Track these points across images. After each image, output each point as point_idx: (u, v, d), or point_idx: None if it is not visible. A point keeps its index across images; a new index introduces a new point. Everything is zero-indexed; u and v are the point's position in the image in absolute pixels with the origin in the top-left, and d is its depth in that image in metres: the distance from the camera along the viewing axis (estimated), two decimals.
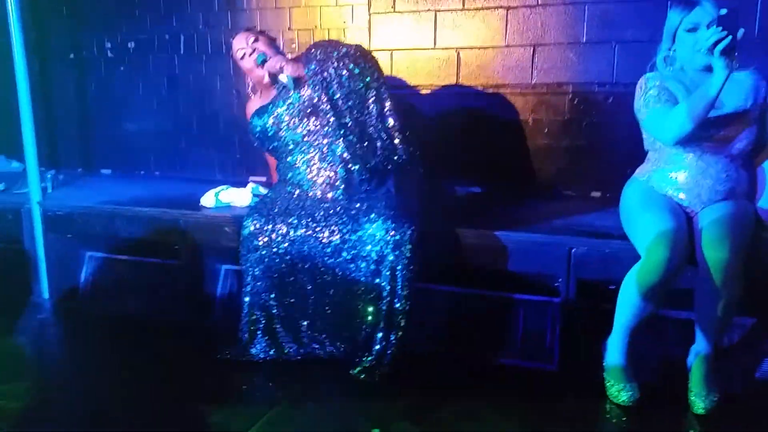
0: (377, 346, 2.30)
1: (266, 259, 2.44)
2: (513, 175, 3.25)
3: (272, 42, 2.76)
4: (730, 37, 1.90)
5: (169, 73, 3.87)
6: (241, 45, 2.68)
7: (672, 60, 2.25)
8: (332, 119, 2.51)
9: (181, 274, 2.97)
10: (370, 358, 2.31)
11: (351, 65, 2.49)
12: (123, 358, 2.57)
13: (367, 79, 2.50)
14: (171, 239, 2.93)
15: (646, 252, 2.02)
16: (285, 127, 2.59)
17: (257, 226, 2.45)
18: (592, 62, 3.03)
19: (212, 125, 3.83)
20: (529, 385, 2.31)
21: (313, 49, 2.58)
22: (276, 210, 2.49)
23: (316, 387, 2.30)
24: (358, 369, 2.31)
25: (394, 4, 3.33)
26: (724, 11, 1.92)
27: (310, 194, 2.55)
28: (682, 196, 2.21)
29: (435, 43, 3.29)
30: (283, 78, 2.55)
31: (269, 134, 2.63)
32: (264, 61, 2.61)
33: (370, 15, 3.37)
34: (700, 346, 2.14)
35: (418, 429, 2.02)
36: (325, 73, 2.48)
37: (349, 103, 2.50)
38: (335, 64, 2.48)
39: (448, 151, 3.18)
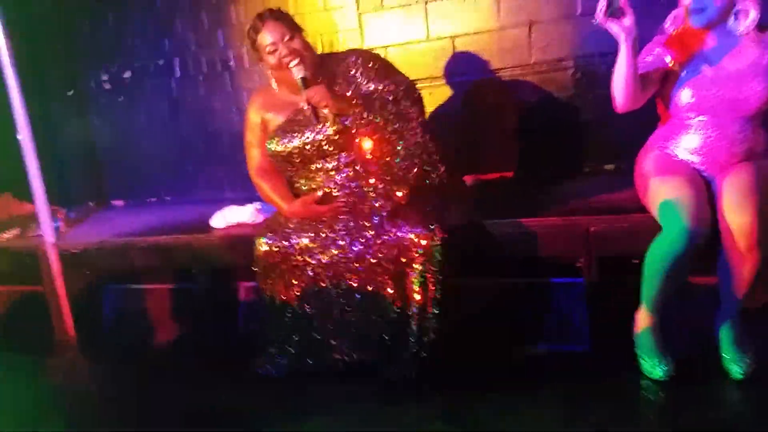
0: (409, 351, 2.27)
1: (285, 274, 2.41)
2: (523, 159, 3.19)
3: (307, 41, 2.43)
4: (603, 2, 1.97)
5: (168, 98, 3.86)
6: (274, 39, 2.36)
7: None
8: (369, 153, 2.35)
9: (201, 296, 2.98)
10: (401, 363, 2.27)
11: (395, 110, 2.36)
12: (157, 387, 2.58)
13: (410, 116, 2.38)
14: (186, 264, 2.93)
15: (666, 223, 1.96)
16: (315, 158, 2.43)
17: (272, 243, 2.42)
18: (589, 34, 2.96)
19: (216, 144, 3.81)
20: (564, 369, 2.27)
21: (352, 67, 2.45)
22: (291, 226, 2.44)
23: (348, 394, 2.28)
24: (390, 373, 2.27)
25: (382, 1, 3.28)
26: None
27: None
28: (698, 160, 2.14)
29: (428, 35, 3.24)
30: (325, 118, 2.32)
31: (294, 161, 2.46)
32: (305, 82, 2.32)
33: (359, 15, 3.33)
34: (725, 311, 2.09)
35: (456, 426, 1.99)
36: (368, 117, 2.33)
37: (390, 139, 2.36)
38: (378, 109, 2.34)
39: (453, 140, 3.13)
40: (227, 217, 2.98)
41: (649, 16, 2.26)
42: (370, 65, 2.46)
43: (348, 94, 2.40)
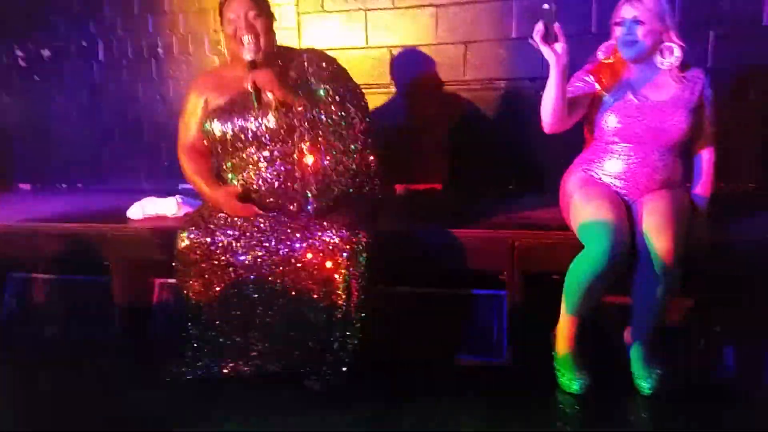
0: (332, 357, 2.23)
1: (206, 273, 2.32)
2: (452, 172, 3.25)
3: (271, 24, 2.41)
4: (541, 26, 2.04)
5: (88, 81, 3.70)
6: (238, 13, 2.33)
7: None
8: (306, 156, 2.33)
9: (113, 290, 2.82)
10: (324, 369, 2.23)
11: (342, 113, 2.34)
12: (58, 383, 2.41)
13: (354, 121, 2.36)
14: (99, 255, 2.78)
15: (588, 242, 2.04)
16: (249, 145, 2.37)
17: (194, 239, 2.33)
18: (522, 57, 3.06)
19: (137, 133, 3.68)
20: (483, 380, 2.30)
21: (306, 62, 2.43)
22: (215, 222, 2.36)
23: (268, 402, 2.20)
24: (312, 380, 2.23)
25: (322, 3, 3.28)
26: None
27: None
28: (620, 184, 2.24)
29: (367, 42, 3.26)
30: (268, 105, 2.29)
31: (227, 146, 2.39)
32: (252, 65, 2.29)
33: (298, 15, 3.31)
34: (637, 330, 2.18)
35: None
36: (313, 113, 2.31)
37: (329, 141, 2.34)
38: (326, 106, 2.33)
39: (385, 148, 3.15)
40: (146, 208, 2.86)
41: (581, 45, 2.36)
42: (323, 65, 2.45)
43: (298, 91, 2.36)
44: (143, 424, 2.11)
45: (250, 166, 2.39)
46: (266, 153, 2.37)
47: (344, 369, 2.22)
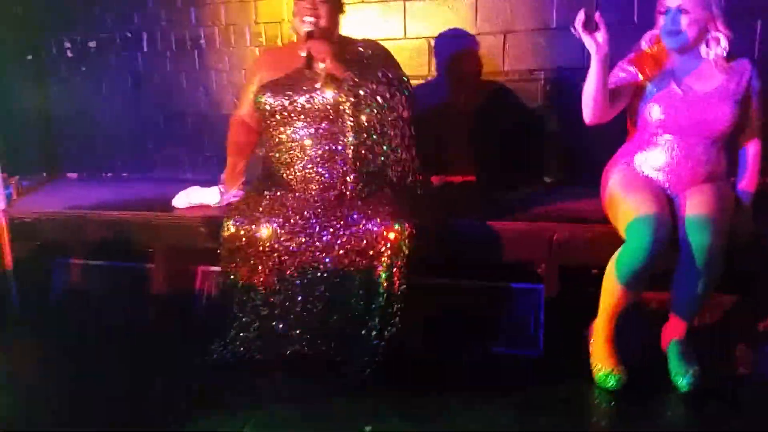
0: (371, 344, 2.26)
1: (251, 259, 2.38)
2: (488, 164, 3.24)
3: (336, 12, 2.51)
4: (582, 15, 2.01)
5: (132, 72, 3.78)
6: None
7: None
8: (349, 134, 2.40)
9: (157, 277, 2.91)
10: (362, 355, 2.26)
11: (387, 95, 2.41)
12: (102, 366, 2.49)
13: (398, 107, 2.44)
14: (144, 242, 2.87)
15: (629, 236, 2.02)
16: (296, 121, 2.46)
17: (239, 226, 2.39)
18: (562, 47, 3.03)
19: (180, 123, 3.75)
20: (517, 373, 2.31)
21: (361, 48, 2.53)
22: (260, 210, 2.41)
23: (305, 385, 2.25)
24: (349, 367, 2.26)
25: None
26: None
27: (297, 194, 2.46)
28: (663, 177, 2.21)
29: (405, 33, 3.26)
30: (318, 69, 2.40)
31: (276, 117, 2.48)
32: (309, 35, 2.40)
33: None
34: (674, 325, 2.16)
35: (410, 424, 2.00)
36: (360, 90, 2.38)
37: (373, 123, 2.41)
38: (373, 86, 2.40)
39: (421, 140, 3.16)
40: (190, 197, 2.92)
41: (622, 35, 2.32)
42: (377, 52, 2.55)
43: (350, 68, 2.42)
44: (179, 407, 2.17)
45: (296, 144, 2.46)
46: (312, 130, 2.44)
47: (380, 357, 2.24)
